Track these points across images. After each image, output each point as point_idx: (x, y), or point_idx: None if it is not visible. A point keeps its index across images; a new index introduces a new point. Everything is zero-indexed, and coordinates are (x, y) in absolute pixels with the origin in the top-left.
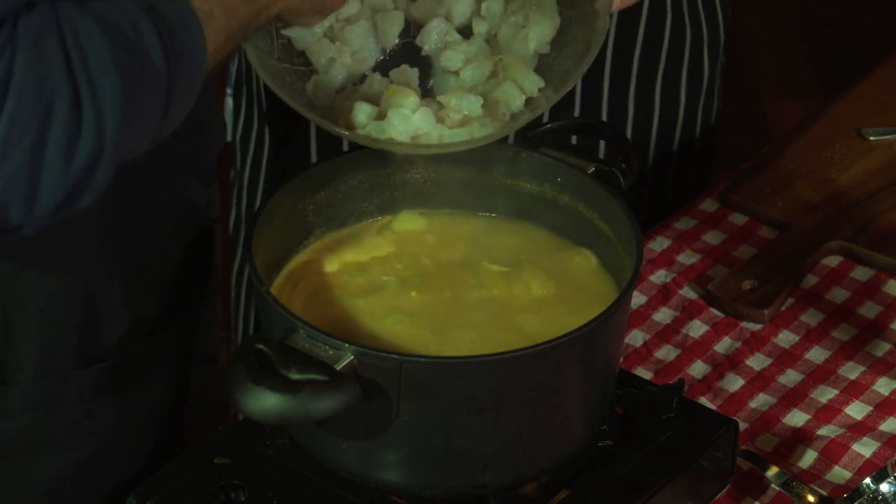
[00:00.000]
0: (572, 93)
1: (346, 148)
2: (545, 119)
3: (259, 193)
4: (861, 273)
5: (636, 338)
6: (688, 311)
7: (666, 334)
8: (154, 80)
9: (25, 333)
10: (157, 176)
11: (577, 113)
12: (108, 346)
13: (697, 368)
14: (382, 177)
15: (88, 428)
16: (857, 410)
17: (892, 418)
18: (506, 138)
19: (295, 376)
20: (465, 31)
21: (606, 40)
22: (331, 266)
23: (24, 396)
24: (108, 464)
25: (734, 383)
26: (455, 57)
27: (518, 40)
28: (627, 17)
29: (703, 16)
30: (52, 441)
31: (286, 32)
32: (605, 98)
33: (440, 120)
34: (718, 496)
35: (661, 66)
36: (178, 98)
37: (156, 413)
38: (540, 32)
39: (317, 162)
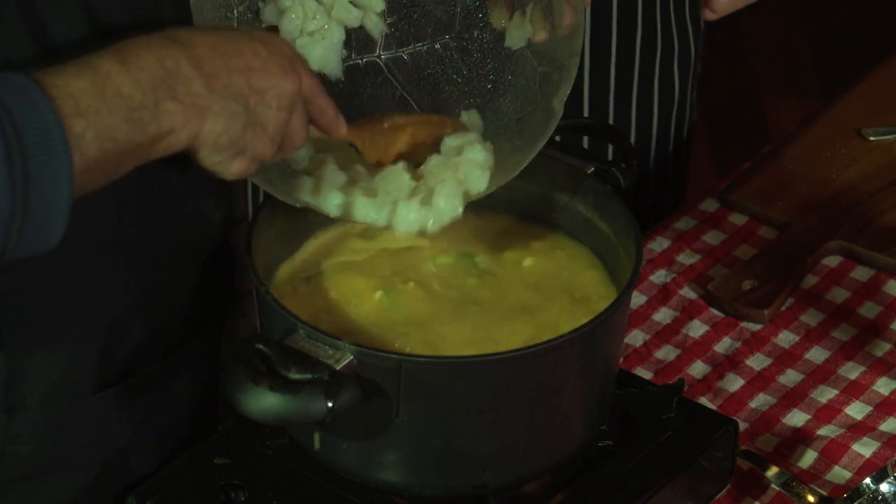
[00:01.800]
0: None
1: None
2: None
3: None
4: (861, 273)
5: (636, 338)
6: (688, 311)
7: (666, 334)
8: None
9: (38, 361)
10: (170, 194)
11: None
12: (125, 370)
13: (697, 368)
14: None
15: (100, 449)
16: (857, 410)
17: (892, 418)
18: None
19: (295, 376)
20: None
21: (582, 58)
22: (330, 265)
23: (31, 424)
24: (124, 484)
25: (734, 383)
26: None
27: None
28: (600, 30)
29: (674, 28)
30: (63, 463)
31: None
32: (585, 108)
33: None
34: (718, 496)
35: (636, 79)
36: (27, 228)
37: (180, 427)
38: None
39: None
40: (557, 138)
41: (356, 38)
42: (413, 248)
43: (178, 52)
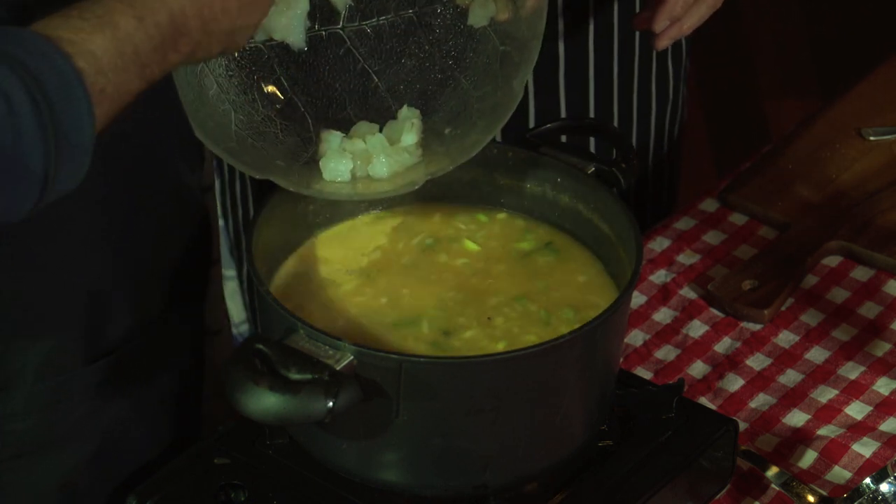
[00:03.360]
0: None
1: None
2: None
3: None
4: (861, 273)
5: (636, 338)
6: (688, 311)
7: (666, 334)
8: (24, 156)
9: (27, 338)
10: (145, 162)
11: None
12: (114, 341)
13: (697, 368)
14: None
15: (96, 422)
16: (857, 410)
17: (892, 418)
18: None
19: (295, 376)
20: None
21: (586, 48)
22: (330, 264)
23: (26, 399)
24: (122, 455)
25: (734, 383)
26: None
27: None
28: (603, 27)
29: None
30: (60, 438)
31: None
32: (591, 105)
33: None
34: (718, 496)
35: (636, 74)
36: (57, 175)
37: (170, 400)
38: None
39: None
40: (563, 138)
41: (320, 10)
42: (413, 247)
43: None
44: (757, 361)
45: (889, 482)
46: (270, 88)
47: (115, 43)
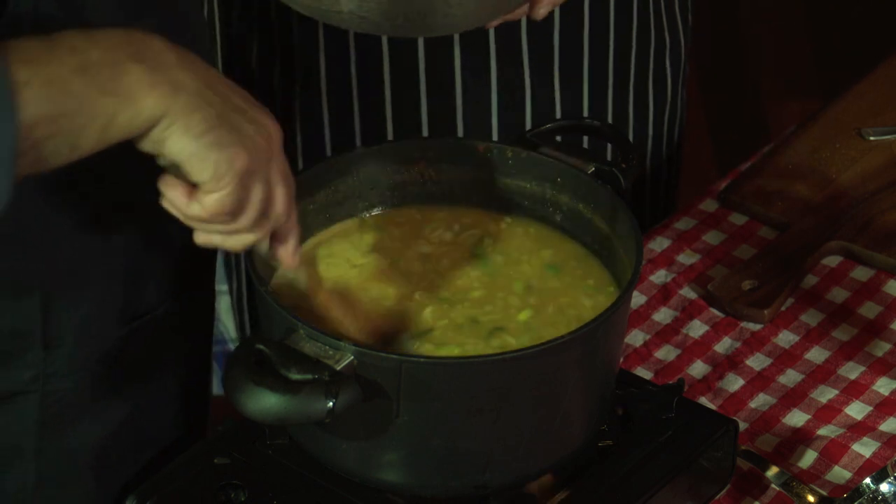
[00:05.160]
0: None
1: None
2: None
3: None
4: (861, 273)
5: (636, 338)
6: (688, 311)
7: (666, 334)
8: None
9: (67, 298)
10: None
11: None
12: (148, 303)
13: (697, 368)
14: (383, 176)
15: (133, 387)
16: (857, 410)
17: (892, 418)
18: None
19: (295, 376)
20: None
21: (581, 55)
22: (331, 264)
23: (68, 358)
24: (157, 422)
25: (734, 383)
26: None
27: None
28: (598, 27)
29: (664, 22)
30: (98, 400)
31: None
32: (585, 104)
33: None
34: (718, 496)
35: (632, 73)
36: None
37: (193, 379)
38: None
39: (317, 162)
40: (558, 138)
41: None
42: (414, 246)
43: (152, 35)
44: (757, 361)
45: (889, 482)
46: None
47: (44, 42)
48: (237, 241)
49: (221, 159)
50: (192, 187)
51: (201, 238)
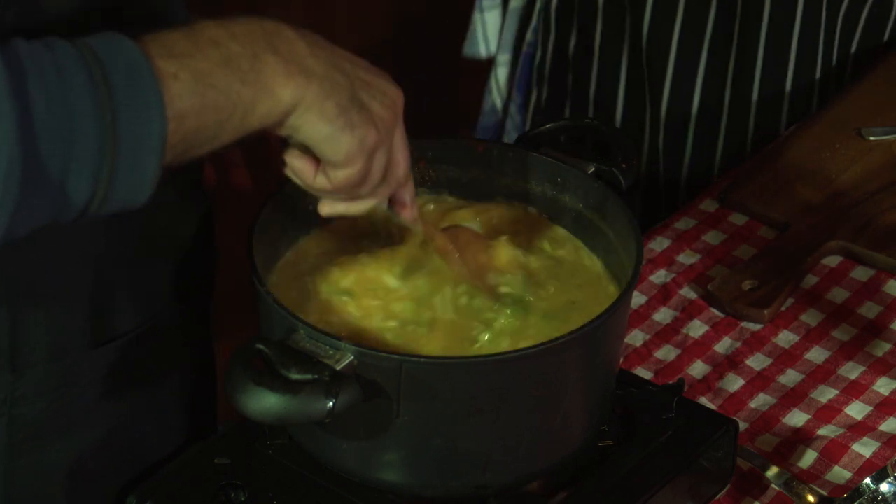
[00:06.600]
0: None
1: None
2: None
3: None
4: (861, 273)
5: (636, 338)
6: (688, 311)
7: (666, 334)
8: (75, 133)
9: (35, 320)
10: None
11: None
12: (120, 327)
13: (697, 368)
14: None
15: (106, 410)
16: (857, 410)
17: (892, 418)
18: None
19: (295, 376)
20: None
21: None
22: (331, 264)
23: (36, 382)
24: (133, 447)
25: (734, 383)
26: None
27: None
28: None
29: None
30: (69, 423)
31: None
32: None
33: None
34: (718, 496)
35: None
36: (116, 172)
37: (183, 398)
38: None
39: None
40: (562, 138)
41: None
42: (414, 246)
43: (280, 23)
44: (757, 361)
45: (889, 482)
46: None
47: (187, 36)
48: (360, 207)
49: (354, 141)
50: (317, 160)
51: (326, 209)
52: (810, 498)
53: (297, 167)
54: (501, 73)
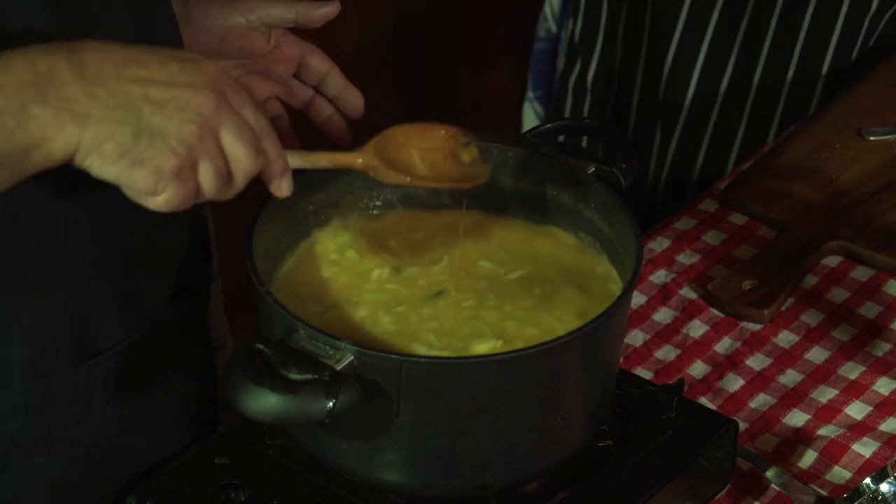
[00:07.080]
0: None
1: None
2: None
3: None
4: (861, 273)
5: (636, 338)
6: (688, 311)
7: (666, 334)
8: None
9: (13, 338)
10: None
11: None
12: (103, 342)
13: (697, 368)
14: None
15: (87, 425)
16: (857, 410)
17: (892, 418)
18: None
19: (295, 376)
20: None
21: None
22: (331, 264)
23: (14, 400)
24: (118, 460)
25: (734, 383)
26: None
27: None
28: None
29: None
30: (49, 440)
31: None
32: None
33: None
34: (718, 496)
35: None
36: None
37: (178, 408)
38: None
39: None
40: (561, 138)
41: None
42: (411, 241)
43: (57, 57)
44: (757, 361)
45: (889, 482)
46: None
47: None
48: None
49: (147, 174)
50: None
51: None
52: (810, 498)
53: (131, 196)
54: (555, 1)
